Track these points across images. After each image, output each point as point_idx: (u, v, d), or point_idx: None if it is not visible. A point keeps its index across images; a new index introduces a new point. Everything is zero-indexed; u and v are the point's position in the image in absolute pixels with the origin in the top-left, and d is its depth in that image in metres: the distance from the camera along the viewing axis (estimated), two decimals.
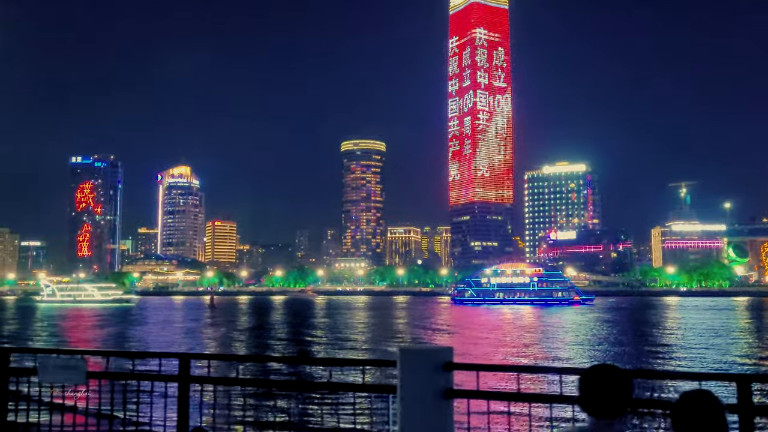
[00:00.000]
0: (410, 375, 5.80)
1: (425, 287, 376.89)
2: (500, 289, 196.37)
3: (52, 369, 7.41)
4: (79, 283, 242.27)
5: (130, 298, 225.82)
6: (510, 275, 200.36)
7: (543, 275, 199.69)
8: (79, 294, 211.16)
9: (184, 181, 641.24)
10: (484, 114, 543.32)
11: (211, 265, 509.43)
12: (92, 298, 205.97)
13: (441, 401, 5.86)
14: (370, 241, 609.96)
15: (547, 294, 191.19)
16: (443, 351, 6.12)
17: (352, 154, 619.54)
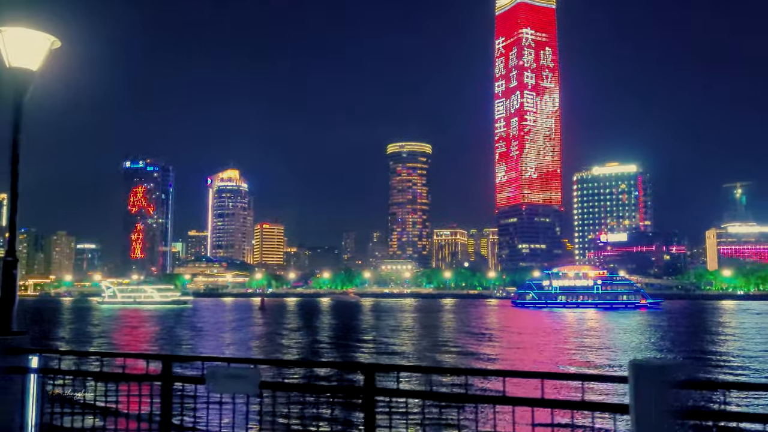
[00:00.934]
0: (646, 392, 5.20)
1: (472, 290, 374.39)
2: (562, 292, 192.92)
3: (222, 378, 7.09)
4: (138, 284, 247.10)
5: (187, 299, 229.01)
6: (572, 278, 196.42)
7: (607, 278, 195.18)
8: (138, 295, 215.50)
9: (233, 184, 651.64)
10: (531, 115, 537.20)
11: (259, 268, 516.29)
12: (151, 299, 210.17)
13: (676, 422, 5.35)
14: (416, 243, 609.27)
15: (612, 297, 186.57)
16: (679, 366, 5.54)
17: (398, 156, 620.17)
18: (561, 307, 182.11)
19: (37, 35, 9.14)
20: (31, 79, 9.26)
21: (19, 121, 9.33)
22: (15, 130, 9.37)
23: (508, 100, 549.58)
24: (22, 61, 9.13)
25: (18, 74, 9.15)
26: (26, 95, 9.30)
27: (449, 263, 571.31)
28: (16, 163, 9.38)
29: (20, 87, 9.23)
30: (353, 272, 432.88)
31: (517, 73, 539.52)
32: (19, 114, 9.31)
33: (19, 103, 9.28)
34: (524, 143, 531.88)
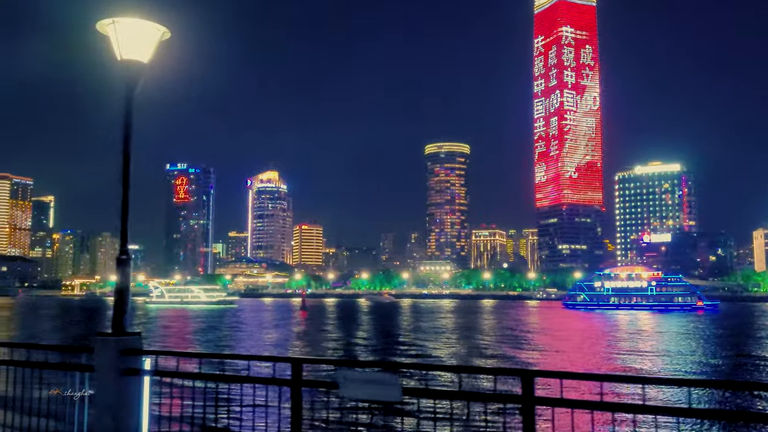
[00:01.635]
0: None
1: (512, 291, 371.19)
2: (615, 294, 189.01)
3: (358, 383, 6.50)
4: (185, 285, 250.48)
5: (233, 299, 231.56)
6: (625, 279, 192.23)
7: (662, 279, 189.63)
8: (185, 296, 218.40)
9: (273, 186, 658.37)
10: (571, 114, 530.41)
11: (298, 268, 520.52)
12: (198, 299, 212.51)
13: None
14: (455, 244, 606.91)
15: (667, 299, 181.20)
16: None
17: (436, 156, 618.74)
18: (614, 309, 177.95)
19: (148, 26, 8.73)
20: (142, 71, 8.89)
21: (130, 117, 8.99)
22: (126, 126, 9.04)
23: (547, 99, 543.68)
24: (133, 53, 8.74)
25: (129, 67, 8.76)
26: (137, 89, 8.95)
27: (488, 264, 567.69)
28: (127, 162, 9.20)
29: (131, 80, 8.87)
30: (392, 273, 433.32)
31: (557, 72, 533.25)
32: (130, 109, 8.97)
33: (130, 97, 8.94)
34: (564, 142, 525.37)
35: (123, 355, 8.18)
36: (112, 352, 8.14)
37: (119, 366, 8.11)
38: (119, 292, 8.80)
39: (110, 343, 8.23)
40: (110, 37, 8.69)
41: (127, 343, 8.30)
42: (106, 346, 8.21)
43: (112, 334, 8.42)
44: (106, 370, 8.13)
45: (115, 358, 8.12)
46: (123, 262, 8.98)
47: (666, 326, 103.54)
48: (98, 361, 8.22)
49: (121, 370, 8.12)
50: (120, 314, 8.61)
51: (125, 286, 8.87)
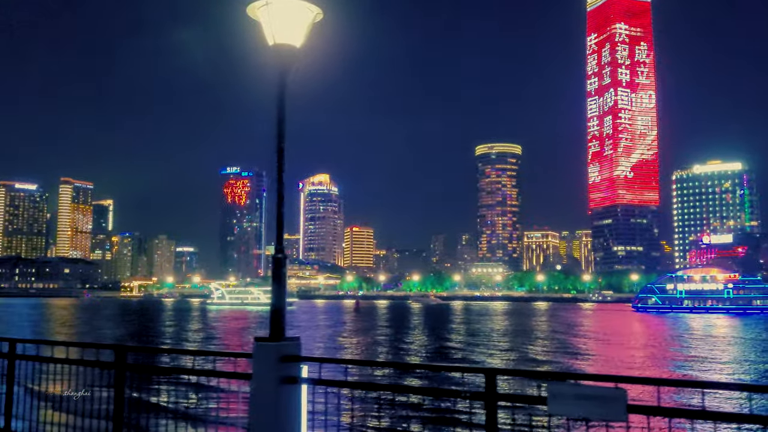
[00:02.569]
0: None
1: (566, 293, 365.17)
2: (688, 297, 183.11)
3: (571, 399, 5.66)
4: (245, 287, 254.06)
5: (292, 301, 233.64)
6: (699, 281, 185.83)
7: (739, 281, 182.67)
8: (245, 297, 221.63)
9: (324, 188, 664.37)
10: (626, 112, 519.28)
11: (350, 270, 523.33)
12: (258, 301, 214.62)
13: None
14: (506, 245, 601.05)
15: (745, 302, 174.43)
16: None
17: (486, 157, 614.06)
18: (687, 312, 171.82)
19: (301, 6, 8.02)
20: (294, 57, 8.21)
21: (283, 107, 8.32)
22: (279, 116, 8.35)
23: (601, 97, 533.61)
24: (286, 37, 8.06)
25: (282, 52, 8.14)
26: (289, 76, 8.32)
27: (540, 266, 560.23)
28: (281, 156, 8.40)
29: (283, 67, 8.19)
30: (443, 275, 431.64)
31: (611, 70, 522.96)
32: (283, 98, 8.31)
33: (283, 85, 8.28)
34: (619, 142, 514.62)
35: (283, 362, 7.64)
36: (272, 359, 7.60)
37: (279, 373, 7.58)
38: (276, 292, 8.16)
39: (270, 349, 7.65)
40: (262, 22, 8.03)
41: (286, 350, 7.72)
42: (266, 353, 7.65)
43: (270, 339, 7.82)
44: (265, 378, 7.61)
45: (275, 365, 7.58)
46: (279, 262, 8.26)
47: (745, 331, 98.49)
48: (257, 367, 7.69)
49: (281, 377, 7.58)
50: (278, 318, 8.01)
51: (281, 286, 8.24)
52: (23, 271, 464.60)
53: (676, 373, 46.92)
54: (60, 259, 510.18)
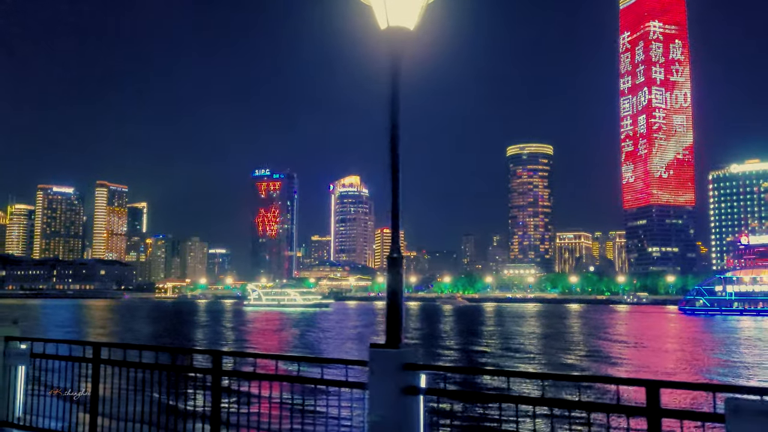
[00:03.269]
0: None
1: (600, 295, 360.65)
2: (738, 299, 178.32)
3: (759, 417, 4.92)
4: (282, 288, 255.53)
5: (328, 302, 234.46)
6: (749, 283, 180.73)
7: None
8: (282, 298, 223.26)
9: (355, 190, 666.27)
10: (660, 111, 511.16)
11: (380, 272, 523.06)
12: (294, 302, 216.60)
13: None
14: (538, 247, 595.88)
15: None
16: None
17: (518, 158, 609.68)
18: (737, 315, 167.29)
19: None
20: (408, 41, 7.72)
21: (397, 94, 7.73)
22: (393, 112, 7.73)
23: (634, 96, 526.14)
24: (399, 19, 7.56)
25: (395, 35, 7.63)
26: (403, 61, 7.79)
27: (573, 268, 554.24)
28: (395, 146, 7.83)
29: (397, 51, 7.71)
30: (474, 276, 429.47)
31: (644, 69, 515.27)
32: (397, 84, 7.72)
33: (397, 70, 7.71)
34: (653, 141, 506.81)
35: (404, 371, 6.94)
36: (392, 367, 6.93)
37: (399, 384, 6.88)
38: (392, 295, 7.44)
39: (389, 357, 6.98)
40: (373, 4, 7.59)
41: (406, 357, 6.99)
42: (384, 360, 6.97)
43: (388, 345, 7.13)
44: (385, 388, 6.90)
45: (395, 374, 6.91)
46: (395, 262, 7.54)
47: None
48: (375, 377, 7.01)
49: (402, 388, 6.87)
50: (396, 322, 7.28)
51: (398, 287, 7.48)
52: (61, 272, 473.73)
53: None
54: (96, 261, 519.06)
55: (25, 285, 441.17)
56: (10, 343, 10.84)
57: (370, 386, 7.04)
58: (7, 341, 10.85)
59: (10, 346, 10.79)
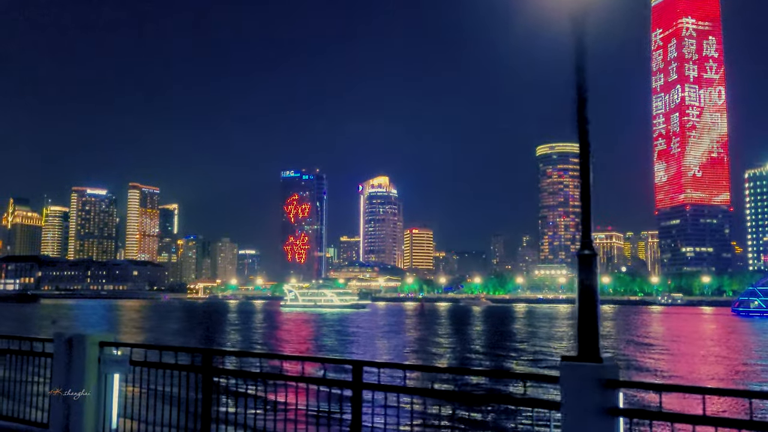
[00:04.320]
0: None
1: (632, 296, 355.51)
2: None
3: None
4: (318, 289, 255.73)
5: (365, 303, 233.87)
6: None
7: None
8: (318, 299, 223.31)
9: (383, 190, 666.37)
10: (693, 109, 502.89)
11: (409, 272, 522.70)
12: (331, 303, 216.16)
13: None
14: (569, 247, 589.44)
15: None
16: None
17: (548, 158, 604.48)
18: None
19: None
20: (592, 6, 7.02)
21: (584, 65, 7.13)
22: (580, 100, 7.13)
23: (667, 94, 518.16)
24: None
25: None
26: (587, 37, 7.21)
27: (604, 267, 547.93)
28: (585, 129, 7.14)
29: (579, 20, 7.17)
30: (505, 277, 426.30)
31: (677, 66, 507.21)
32: (583, 57, 7.21)
33: (581, 46, 7.23)
34: (686, 139, 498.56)
35: (605, 389, 5.92)
36: (590, 385, 5.94)
37: (600, 403, 5.89)
38: (586, 297, 6.39)
39: (587, 372, 5.96)
40: None
41: (606, 372, 5.93)
42: (582, 376, 5.96)
43: (583, 358, 6.14)
44: (584, 409, 5.91)
45: (594, 393, 5.91)
46: (587, 260, 6.53)
47: None
48: (569, 395, 6.01)
49: (604, 409, 5.86)
50: (591, 330, 6.26)
51: (592, 289, 6.44)
52: (95, 273, 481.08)
53: None
54: (129, 262, 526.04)
55: (60, 285, 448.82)
56: (105, 348, 10.08)
57: (565, 406, 6.04)
58: (102, 347, 10.09)
59: (105, 352, 10.05)
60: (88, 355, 9.93)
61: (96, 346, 10.07)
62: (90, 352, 9.96)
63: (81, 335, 10.07)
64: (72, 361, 10.04)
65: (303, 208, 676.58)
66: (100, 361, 10.02)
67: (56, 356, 10.30)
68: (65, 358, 10.11)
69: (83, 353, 9.94)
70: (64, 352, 10.14)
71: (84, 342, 10.00)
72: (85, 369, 9.90)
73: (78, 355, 10.00)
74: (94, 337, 10.12)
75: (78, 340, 10.07)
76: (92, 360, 9.97)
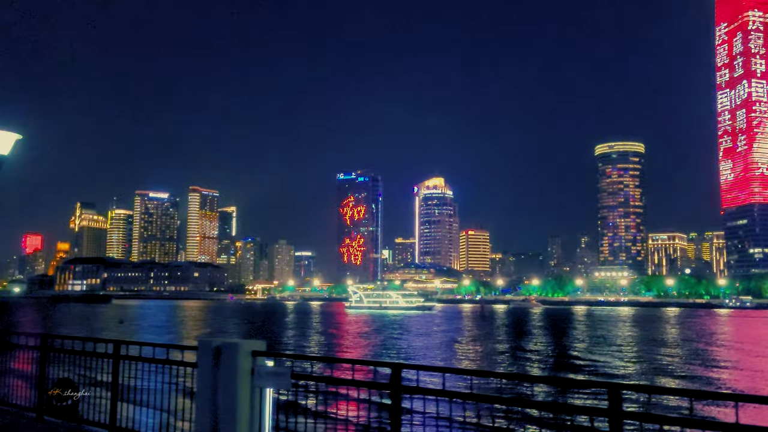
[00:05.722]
0: None
1: (698, 298, 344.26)
2: None
3: None
4: (384, 290, 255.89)
5: (432, 305, 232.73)
6: None
7: None
8: (384, 300, 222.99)
9: (439, 192, 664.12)
10: (761, 105, 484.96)
11: (465, 274, 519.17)
12: (396, 304, 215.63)
13: None
14: (630, 248, 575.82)
15: None
16: None
17: (607, 157, 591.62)
18: None
19: None
20: None
21: None
22: None
23: (732, 90, 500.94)
24: None
25: None
26: None
27: (666, 270, 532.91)
28: None
29: None
30: (564, 279, 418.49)
31: (743, 61, 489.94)
32: None
33: None
34: (754, 137, 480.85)
35: None
36: None
37: None
38: None
39: None
40: None
41: None
42: None
43: None
44: None
45: None
46: None
47: None
48: None
49: None
50: None
51: None
52: (157, 275, 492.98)
53: None
54: (190, 263, 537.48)
55: (124, 286, 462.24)
56: (258, 358, 8.86)
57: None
58: (255, 356, 8.85)
59: (258, 362, 8.83)
60: (241, 366, 8.67)
61: (249, 355, 8.85)
62: (242, 363, 8.72)
63: (231, 343, 8.86)
64: (219, 373, 8.84)
65: (359, 210, 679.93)
66: (253, 372, 8.77)
67: (200, 366, 9.05)
68: (211, 368, 8.89)
69: (234, 364, 8.69)
70: (210, 362, 8.92)
71: (235, 351, 8.74)
72: (237, 382, 8.63)
73: (227, 366, 8.77)
74: (247, 345, 8.88)
75: (228, 349, 8.84)
76: (245, 372, 8.72)
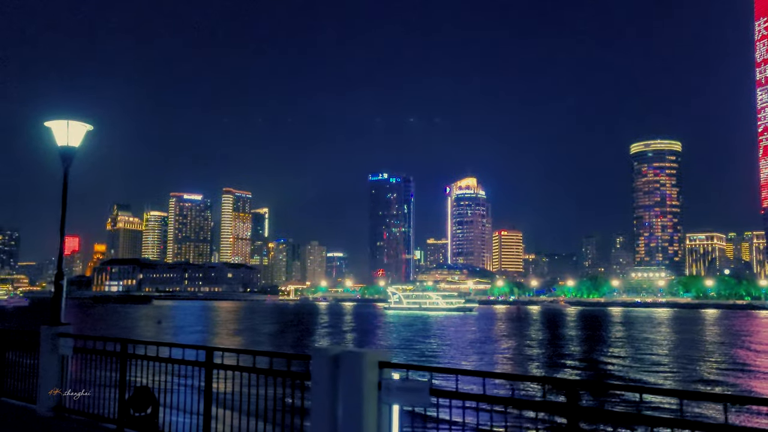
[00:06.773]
0: None
1: (739, 300, 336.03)
2: None
3: None
4: (423, 291, 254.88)
5: (472, 306, 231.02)
6: None
7: None
8: (423, 302, 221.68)
9: (471, 192, 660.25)
10: None
11: (499, 275, 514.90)
12: (436, 306, 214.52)
13: None
14: (667, 248, 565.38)
15: None
16: None
17: (642, 156, 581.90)
18: None
19: None
20: None
21: None
22: None
23: None
24: None
25: None
26: None
27: (705, 270, 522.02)
28: None
29: None
30: (600, 280, 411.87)
31: None
32: None
33: None
34: None
35: None
36: None
37: None
38: None
39: None
40: None
41: None
42: None
43: None
44: None
45: None
46: None
47: None
48: None
49: None
50: None
51: None
52: (192, 275, 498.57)
53: None
54: (224, 264, 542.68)
55: (159, 287, 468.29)
56: (384, 370, 7.55)
57: None
58: (382, 368, 7.55)
59: (384, 374, 7.53)
60: (366, 379, 7.43)
61: (375, 367, 7.53)
62: (368, 375, 7.46)
63: (353, 352, 7.65)
64: (338, 386, 7.69)
65: (391, 211, 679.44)
66: (380, 387, 7.49)
67: (315, 378, 7.89)
68: (329, 380, 7.75)
69: (358, 376, 7.47)
70: (328, 373, 7.76)
71: (358, 361, 7.50)
72: (361, 396, 7.41)
73: (348, 379, 7.58)
74: (372, 354, 7.58)
75: (348, 359, 7.64)
76: (371, 385, 7.46)
